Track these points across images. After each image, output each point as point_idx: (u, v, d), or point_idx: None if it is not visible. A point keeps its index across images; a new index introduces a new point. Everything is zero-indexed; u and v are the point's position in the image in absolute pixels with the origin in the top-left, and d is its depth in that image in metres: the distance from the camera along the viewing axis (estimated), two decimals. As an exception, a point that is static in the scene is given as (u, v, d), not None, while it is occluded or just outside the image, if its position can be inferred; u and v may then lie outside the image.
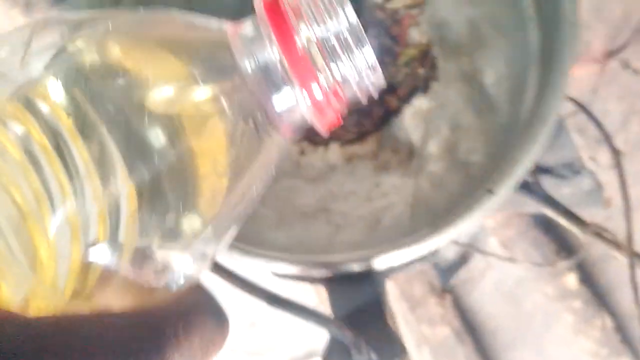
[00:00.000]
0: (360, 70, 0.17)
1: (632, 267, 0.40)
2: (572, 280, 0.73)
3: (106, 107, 0.16)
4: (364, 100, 0.19)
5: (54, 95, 0.16)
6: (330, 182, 0.49)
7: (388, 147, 0.50)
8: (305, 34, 0.17)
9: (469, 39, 0.44)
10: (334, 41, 0.17)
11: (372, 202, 0.46)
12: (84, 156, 0.16)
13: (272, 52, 0.17)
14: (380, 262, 0.34)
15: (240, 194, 0.19)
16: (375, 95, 0.19)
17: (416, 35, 0.49)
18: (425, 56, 0.49)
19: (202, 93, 0.17)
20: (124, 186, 0.16)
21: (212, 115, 0.17)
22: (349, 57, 0.17)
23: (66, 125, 0.16)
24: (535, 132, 0.27)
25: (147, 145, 0.16)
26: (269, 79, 0.17)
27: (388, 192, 0.46)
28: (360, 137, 0.52)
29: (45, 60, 0.16)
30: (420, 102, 0.49)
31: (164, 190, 0.16)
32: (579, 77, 0.77)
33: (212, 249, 0.19)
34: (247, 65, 0.17)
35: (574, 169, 0.48)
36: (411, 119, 0.50)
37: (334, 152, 0.52)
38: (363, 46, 0.17)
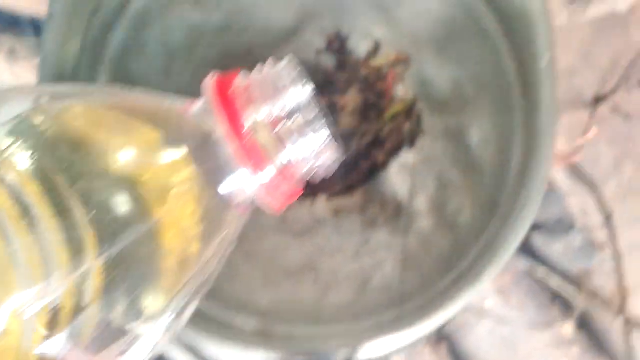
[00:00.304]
0: (313, 151, 0.18)
1: (626, 333, 0.39)
2: (568, 327, 0.72)
3: (74, 178, 0.16)
4: (322, 177, 0.19)
5: (22, 165, 0.16)
6: (318, 236, 0.48)
7: (376, 201, 0.49)
8: (255, 117, 0.17)
9: (454, 97, 0.44)
10: (284, 124, 0.17)
11: (360, 259, 0.45)
12: (53, 234, 0.15)
13: (219, 135, 0.17)
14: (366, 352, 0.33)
15: (203, 266, 0.19)
16: (332, 171, 0.19)
17: (401, 91, 0.49)
18: (410, 111, 0.49)
19: (164, 164, 0.17)
20: (93, 263, 0.15)
21: (174, 186, 0.17)
22: (300, 138, 0.17)
23: (35, 198, 0.15)
24: (515, 222, 0.26)
25: (115, 216, 0.16)
26: (216, 160, 0.17)
27: (377, 249, 0.45)
28: (348, 190, 0.52)
29: (11, 129, 0.16)
30: (406, 157, 0.49)
31: (130, 265, 0.16)
32: (568, 122, 0.78)
33: (175, 324, 0.18)
34: (194, 145, 0.17)
35: (565, 225, 0.47)
36: (398, 174, 0.49)
37: (321, 205, 0.51)
38: (316, 127, 0.17)
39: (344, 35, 0.49)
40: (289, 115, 0.17)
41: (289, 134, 0.17)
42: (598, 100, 0.78)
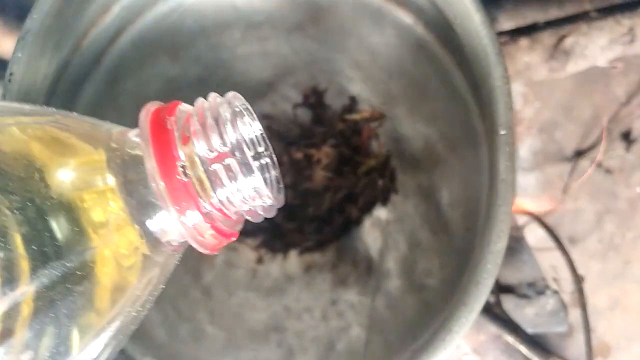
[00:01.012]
0: (252, 190, 0.16)
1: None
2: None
3: (15, 199, 0.15)
4: (258, 220, 0.18)
5: None
6: (286, 295, 0.47)
7: (348, 258, 0.48)
8: (191, 151, 0.16)
9: (425, 155, 0.44)
10: (222, 160, 0.16)
11: (327, 322, 0.44)
12: None
13: (150, 170, 0.15)
14: None
15: (134, 302, 0.18)
16: (270, 215, 0.18)
17: (376, 147, 0.49)
18: (384, 167, 0.48)
19: (103, 191, 0.16)
20: (25, 289, 0.15)
21: (109, 213, 0.16)
22: (239, 176, 0.16)
23: None
24: (464, 299, 0.26)
25: (51, 242, 0.15)
26: (144, 196, 0.16)
27: (344, 311, 0.44)
28: (320, 245, 0.51)
29: None
30: (379, 214, 0.48)
31: (63, 294, 0.15)
32: (549, 175, 0.78)
33: (102, 356, 0.17)
34: (123, 176, 0.16)
35: (537, 289, 0.46)
36: (370, 230, 0.48)
37: (293, 260, 0.50)
38: (252, 170, 0.16)
39: (321, 90, 0.49)
40: (230, 151, 0.16)
41: (224, 174, 0.16)
42: (579, 154, 0.78)
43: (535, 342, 0.41)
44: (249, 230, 0.51)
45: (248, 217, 0.17)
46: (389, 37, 0.43)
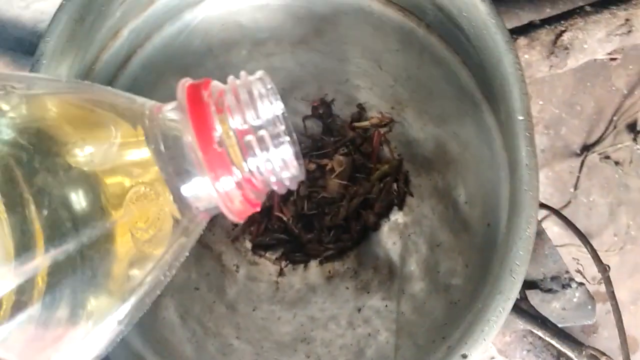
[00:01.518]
0: (277, 164, 0.17)
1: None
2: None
3: (34, 171, 0.15)
4: (282, 191, 0.18)
5: None
6: (310, 305, 0.47)
7: (368, 264, 0.48)
8: (225, 125, 0.17)
9: (438, 156, 0.44)
10: (253, 135, 0.17)
11: (354, 329, 0.44)
12: (2, 227, 0.15)
13: (187, 139, 0.16)
14: None
15: (156, 272, 0.18)
16: (293, 187, 0.19)
17: (387, 152, 0.49)
18: (397, 172, 0.48)
19: (128, 164, 0.17)
20: (40, 261, 0.15)
21: (132, 186, 0.17)
22: (266, 151, 0.17)
23: None
24: (501, 287, 0.26)
25: (68, 216, 0.15)
26: (181, 164, 0.17)
27: (370, 317, 0.44)
28: (340, 253, 0.51)
29: None
30: (396, 218, 0.48)
31: (78, 267, 0.15)
32: (559, 172, 0.78)
33: (116, 331, 0.18)
34: (161, 146, 0.17)
35: (561, 282, 0.46)
36: (389, 235, 0.48)
37: (314, 270, 0.50)
38: (282, 142, 0.17)
39: (328, 101, 0.50)
40: (258, 127, 0.17)
41: (257, 145, 0.17)
42: (586, 149, 0.78)
43: (566, 335, 0.40)
44: (268, 244, 0.51)
45: (274, 187, 0.18)
46: (392, 42, 0.43)
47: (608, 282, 0.39)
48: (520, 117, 0.26)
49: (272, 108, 0.17)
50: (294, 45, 0.47)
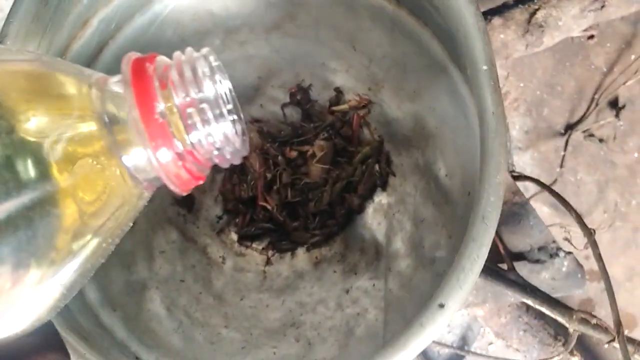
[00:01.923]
0: (220, 138, 0.18)
1: (625, 356, 0.36)
2: (578, 363, 0.68)
3: None
4: (225, 165, 0.19)
5: None
6: (299, 291, 0.47)
7: (355, 247, 0.48)
8: (169, 99, 0.17)
9: (417, 133, 0.44)
10: (194, 110, 0.17)
11: (343, 310, 0.43)
12: None
13: (130, 113, 0.17)
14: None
15: (96, 242, 0.18)
16: (236, 162, 0.19)
17: (367, 134, 0.49)
18: (379, 153, 0.48)
19: (77, 133, 0.17)
20: None
21: (81, 155, 0.17)
22: (209, 125, 0.17)
23: None
24: (473, 234, 0.26)
25: (12, 177, 0.15)
26: (124, 135, 0.17)
27: (358, 297, 0.43)
28: (326, 239, 0.50)
29: None
30: (380, 199, 0.48)
31: (20, 229, 0.16)
32: (545, 152, 0.78)
33: (58, 295, 0.18)
34: (105, 118, 0.17)
35: (549, 251, 0.46)
36: (374, 216, 0.48)
37: (301, 257, 0.50)
38: (224, 117, 0.18)
39: (305, 87, 0.50)
40: (200, 102, 0.17)
41: (198, 119, 0.17)
42: (570, 128, 0.78)
43: (556, 301, 0.40)
44: (254, 234, 0.51)
45: (216, 161, 0.19)
46: (364, 21, 0.43)
47: (595, 245, 0.39)
48: (484, 67, 0.26)
49: (216, 85, 0.18)
50: (268, 31, 0.47)
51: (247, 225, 0.51)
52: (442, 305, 0.25)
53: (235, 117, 0.18)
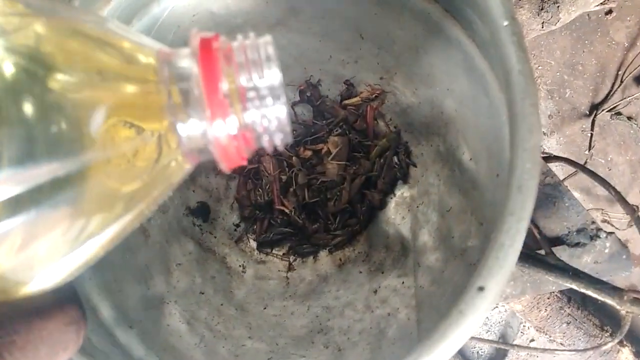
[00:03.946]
0: (271, 123, 0.19)
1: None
2: (627, 354, 0.63)
3: (21, 90, 0.15)
4: (269, 149, 0.20)
5: None
6: (324, 295, 0.44)
7: (380, 244, 0.46)
8: (231, 78, 0.18)
9: (435, 118, 0.42)
10: (253, 91, 0.18)
11: (372, 312, 0.41)
12: None
13: (195, 85, 0.18)
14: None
15: (137, 210, 0.18)
16: (281, 148, 0.20)
17: (383, 125, 0.47)
18: (397, 144, 0.46)
19: (125, 98, 0.17)
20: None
21: (135, 119, 0.17)
22: (263, 108, 0.18)
23: None
24: (510, 207, 0.23)
25: (45, 139, 0.15)
26: (184, 105, 0.18)
27: (387, 297, 0.41)
28: (349, 239, 0.48)
29: None
30: (402, 192, 0.46)
31: (64, 186, 0.15)
32: (571, 135, 0.74)
33: (93, 253, 0.18)
34: (166, 86, 0.18)
35: (589, 233, 0.42)
36: (397, 211, 0.46)
37: (324, 260, 0.48)
38: (278, 102, 0.18)
39: (315, 83, 0.48)
40: (260, 86, 0.18)
41: (257, 101, 0.18)
42: (595, 108, 0.75)
43: (602, 283, 0.37)
44: (273, 240, 0.49)
45: (264, 144, 0.19)
46: (370, 6, 0.41)
47: (638, 222, 0.36)
48: (505, 23, 0.23)
49: (274, 72, 0.19)
50: (271, 27, 0.45)
51: (266, 231, 0.49)
52: (482, 289, 0.23)
53: (286, 103, 0.19)
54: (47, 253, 0.16)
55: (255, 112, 0.18)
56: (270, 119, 0.19)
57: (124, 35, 0.18)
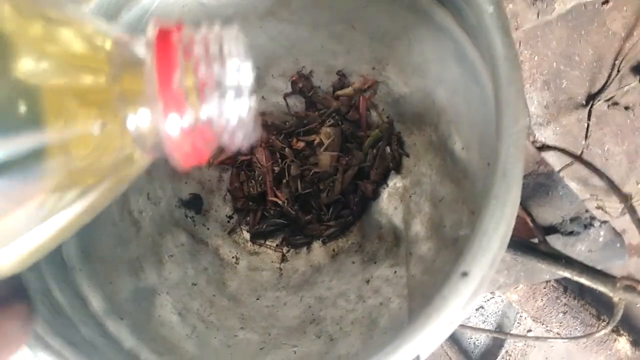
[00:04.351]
0: (232, 118, 0.18)
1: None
2: (624, 343, 0.63)
3: None
4: (232, 148, 0.19)
5: None
6: (317, 286, 0.44)
7: (373, 235, 0.46)
8: (189, 70, 0.17)
9: (427, 108, 0.41)
10: (213, 86, 0.17)
11: (364, 301, 0.41)
12: None
13: (148, 75, 0.17)
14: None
15: (84, 197, 0.17)
16: (245, 146, 0.19)
17: (375, 116, 0.47)
18: (389, 134, 0.46)
19: (81, 81, 0.17)
20: None
21: (84, 106, 0.16)
22: (224, 103, 0.17)
23: None
24: (495, 192, 0.23)
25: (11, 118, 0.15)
26: (136, 96, 0.17)
27: (380, 287, 0.41)
28: (342, 229, 0.48)
29: None
30: (395, 182, 0.46)
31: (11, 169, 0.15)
32: (567, 126, 0.74)
33: (33, 244, 0.17)
34: (119, 75, 0.17)
35: (583, 222, 0.42)
36: (389, 201, 0.46)
37: (318, 251, 0.48)
38: (240, 98, 0.17)
39: (306, 73, 0.48)
40: (221, 81, 0.17)
41: (215, 95, 0.17)
42: (592, 98, 0.74)
43: (595, 270, 0.37)
44: (266, 231, 0.49)
45: (225, 141, 0.18)
46: (361, -5, 0.41)
47: (632, 210, 0.36)
48: (490, 9, 0.23)
49: (238, 66, 0.18)
50: (262, 18, 0.45)
51: (259, 222, 0.49)
52: (465, 274, 0.23)
53: (252, 99, 0.18)
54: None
55: (213, 108, 0.17)
56: (231, 116, 0.18)
57: (83, 19, 0.18)
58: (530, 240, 0.40)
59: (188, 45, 0.17)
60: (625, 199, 0.38)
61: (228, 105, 0.17)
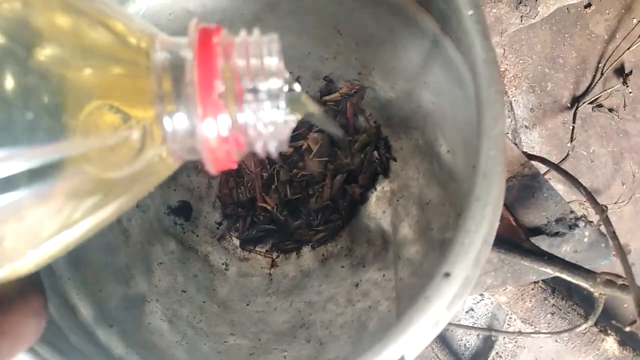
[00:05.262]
0: (267, 126, 0.17)
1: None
2: (611, 343, 0.64)
3: (17, 59, 0.14)
4: (262, 154, 0.18)
5: None
6: (307, 290, 0.44)
7: (361, 239, 0.46)
8: (228, 78, 0.17)
9: (413, 112, 0.42)
10: (251, 93, 0.17)
11: (354, 305, 0.41)
12: None
13: (189, 78, 0.16)
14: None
15: (114, 198, 0.17)
16: (275, 154, 0.19)
17: (362, 121, 0.47)
18: (377, 139, 0.46)
19: (119, 81, 0.16)
20: None
21: (118, 107, 0.16)
22: (261, 110, 0.17)
23: None
24: (476, 193, 0.23)
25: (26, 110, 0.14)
26: (174, 96, 0.16)
27: (369, 290, 0.41)
28: (332, 234, 0.48)
29: None
30: (382, 186, 0.46)
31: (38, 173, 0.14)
32: (553, 128, 0.75)
33: (54, 248, 0.17)
34: (158, 76, 0.16)
35: (567, 223, 0.43)
36: (378, 205, 0.46)
37: (307, 256, 0.48)
38: (277, 107, 0.17)
39: (293, 79, 0.48)
40: (259, 88, 0.17)
41: (254, 103, 0.17)
42: (577, 100, 0.75)
43: (576, 266, 0.37)
44: (256, 237, 0.49)
45: (257, 149, 0.18)
46: (347, 1, 0.42)
47: (607, 222, 0.36)
48: (470, 12, 0.24)
49: (277, 73, 0.17)
50: (249, 24, 0.45)
51: (249, 228, 0.49)
52: (447, 275, 0.23)
53: (289, 109, 0.18)
54: (16, 241, 0.15)
55: (251, 115, 0.17)
56: (267, 124, 0.17)
57: (118, 15, 0.17)
58: (513, 239, 0.40)
59: (228, 49, 0.17)
60: (601, 210, 0.39)
61: (264, 113, 0.17)
